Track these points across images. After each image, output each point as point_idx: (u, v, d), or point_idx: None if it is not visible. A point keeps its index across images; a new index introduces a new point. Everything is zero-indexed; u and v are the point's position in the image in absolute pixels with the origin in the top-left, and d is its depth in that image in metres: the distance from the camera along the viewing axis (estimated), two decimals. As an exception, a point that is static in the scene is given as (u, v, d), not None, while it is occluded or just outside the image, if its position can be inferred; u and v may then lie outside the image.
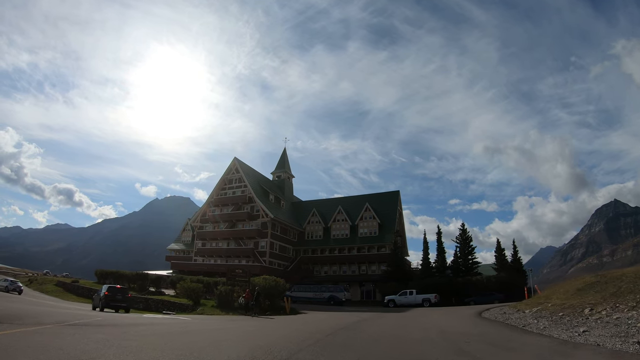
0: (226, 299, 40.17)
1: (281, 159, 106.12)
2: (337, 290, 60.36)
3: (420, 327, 22.23)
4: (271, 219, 78.75)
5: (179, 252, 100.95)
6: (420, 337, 16.84)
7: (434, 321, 26.03)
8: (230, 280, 43.75)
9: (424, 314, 35.82)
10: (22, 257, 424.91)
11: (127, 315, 31.04)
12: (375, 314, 35.72)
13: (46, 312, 24.30)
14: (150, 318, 26.73)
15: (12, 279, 57.15)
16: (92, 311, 34.29)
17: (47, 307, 31.23)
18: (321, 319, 29.83)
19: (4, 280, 53.93)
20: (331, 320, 27.70)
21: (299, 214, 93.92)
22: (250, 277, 43.61)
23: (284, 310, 38.91)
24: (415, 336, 17.51)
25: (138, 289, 61.72)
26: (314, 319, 29.10)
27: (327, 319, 28.73)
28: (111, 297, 35.51)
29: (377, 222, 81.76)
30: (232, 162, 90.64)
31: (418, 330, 20.40)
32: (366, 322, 25.37)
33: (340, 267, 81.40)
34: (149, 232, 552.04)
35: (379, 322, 25.79)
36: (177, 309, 41.99)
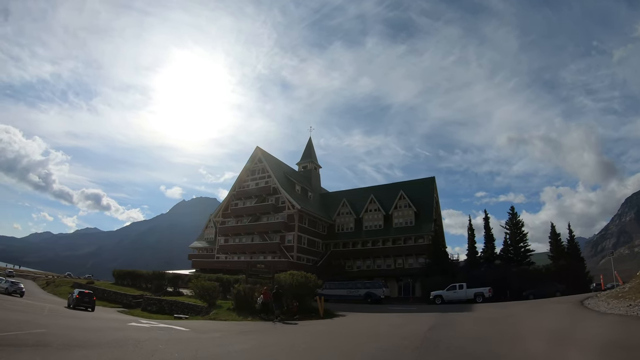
0: (245, 300, 33.19)
1: (307, 148, 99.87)
2: (374, 286, 54.22)
3: (545, 336, 15.14)
4: (298, 210, 72.26)
5: (202, 250, 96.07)
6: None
7: (541, 324, 19.15)
8: (251, 277, 36.90)
9: (505, 312, 28.24)
10: (53, 261, 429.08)
11: (101, 326, 24.63)
12: (435, 316, 28.45)
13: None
14: (134, 328, 19.73)
15: (13, 280, 53.40)
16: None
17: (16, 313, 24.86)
18: (370, 325, 23.61)
19: (4, 282, 50.17)
20: (385, 327, 21.33)
21: (328, 205, 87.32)
22: (274, 273, 36.79)
23: (317, 312, 32.19)
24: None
25: (154, 289, 58.03)
26: (361, 326, 23.00)
27: (377, 325, 22.46)
28: (80, 299, 41.62)
29: (413, 210, 74.33)
30: (255, 151, 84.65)
31: (559, 344, 13.23)
32: (445, 331, 18.26)
33: (374, 261, 74.73)
34: (176, 233, 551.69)
35: (464, 331, 18.53)
36: (190, 311, 37.41)
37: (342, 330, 21.44)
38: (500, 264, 60.06)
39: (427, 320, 24.23)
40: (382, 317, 28.99)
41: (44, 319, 19.68)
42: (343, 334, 19.33)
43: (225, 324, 26.67)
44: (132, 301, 52.36)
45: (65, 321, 19.53)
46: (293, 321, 28.46)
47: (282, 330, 21.97)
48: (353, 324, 25.27)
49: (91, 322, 19.97)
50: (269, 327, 23.37)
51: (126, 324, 20.72)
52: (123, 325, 19.78)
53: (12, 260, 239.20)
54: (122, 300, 55.76)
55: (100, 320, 24.86)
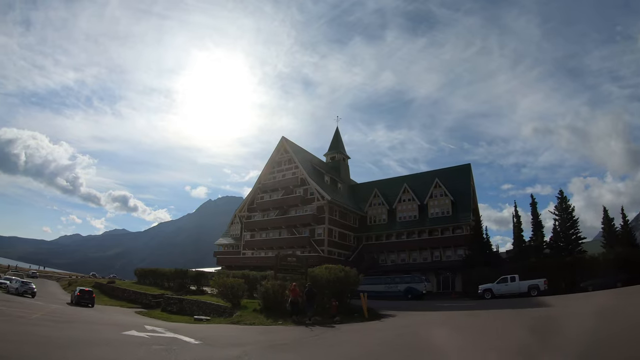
0: (274, 300, 28.66)
1: (334, 139, 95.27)
2: (414, 280, 49.82)
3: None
4: (328, 201, 67.88)
5: (227, 246, 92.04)
6: None
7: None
8: (281, 273, 32.32)
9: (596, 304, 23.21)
10: (83, 263, 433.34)
11: (81, 337, 20.43)
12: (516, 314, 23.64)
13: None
14: (125, 341, 13.79)
15: (25, 280, 51.53)
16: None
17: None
18: (444, 334, 17.05)
19: (15, 282, 48.71)
20: (473, 336, 15.50)
21: (358, 197, 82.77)
22: (307, 268, 32.08)
23: (360, 312, 27.54)
24: None
25: (176, 288, 54.91)
26: (435, 334, 17.03)
27: (454, 334, 16.67)
28: (81, 296, 43.94)
29: (450, 199, 69.01)
30: (280, 142, 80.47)
31: None
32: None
33: (409, 254, 69.48)
34: (203, 233, 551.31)
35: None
36: (213, 312, 33.50)
37: (410, 339, 16.19)
38: (551, 253, 55.06)
39: (525, 321, 19.27)
40: (443, 317, 24.55)
41: (19, 326, 15.39)
42: (425, 348, 13.92)
43: (250, 330, 22.04)
44: (152, 301, 49.46)
45: (39, 329, 15.15)
46: (333, 323, 23.89)
47: (328, 342, 16.79)
48: (415, 328, 20.26)
49: (72, 331, 15.60)
50: (307, 335, 18.32)
51: (122, 332, 15.98)
52: (114, 336, 15.22)
53: (42, 262, 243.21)
54: (142, 300, 52.88)
55: (92, 324, 20.35)
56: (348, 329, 20.72)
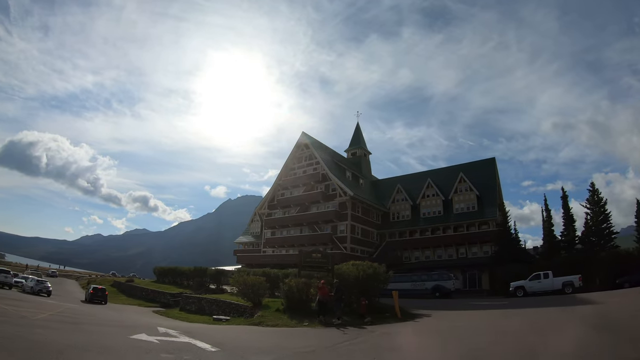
0: (298, 299, 26.67)
1: (355, 134, 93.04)
2: (442, 278, 47.90)
3: None
4: (350, 197, 65.85)
5: (248, 244, 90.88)
6: None
7: None
8: (306, 270, 30.28)
9: None
10: (104, 262, 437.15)
11: (82, 341, 18.48)
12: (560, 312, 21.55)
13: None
14: (130, 347, 12.22)
15: (40, 279, 49.89)
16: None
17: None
18: (509, 340, 14.08)
19: (30, 281, 47.53)
20: (548, 342, 12.94)
21: (381, 193, 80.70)
22: (334, 265, 29.97)
23: (391, 312, 25.49)
24: None
25: (195, 287, 54.01)
26: (500, 340, 14.48)
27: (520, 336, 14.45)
28: (94, 294, 45.69)
29: (475, 194, 66.69)
30: (301, 137, 78.64)
31: None
32: None
33: (433, 251, 67.33)
34: (224, 232, 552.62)
35: None
36: (233, 311, 31.98)
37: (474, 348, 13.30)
38: (582, 249, 53.31)
39: (588, 320, 17.09)
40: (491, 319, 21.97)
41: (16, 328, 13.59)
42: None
43: (273, 332, 20.06)
44: (171, 300, 48.61)
45: (36, 332, 13.39)
46: (363, 324, 21.85)
47: (366, 349, 14.38)
48: (463, 332, 17.88)
49: (73, 334, 13.70)
50: (340, 340, 15.90)
51: (130, 335, 13.86)
52: (119, 340, 13.23)
53: (63, 262, 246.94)
54: (160, 298, 52.12)
55: (100, 326, 18.44)
56: (383, 331, 18.56)
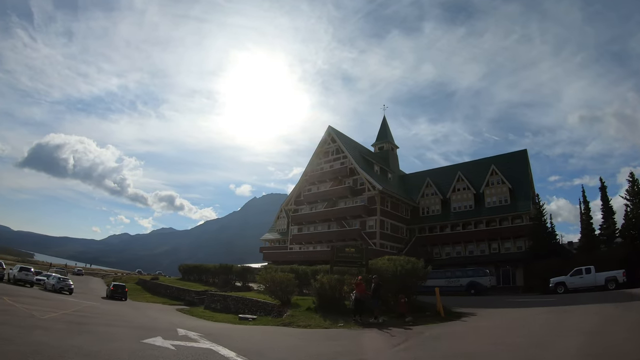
0: (331, 296, 24.55)
1: (382, 128, 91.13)
2: (477, 274, 45.51)
3: None
4: (379, 191, 63.85)
5: (274, 241, 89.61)
6: None
7: None
8: (339, 266, 28.26)
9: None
10: (132, 261, 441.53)
11: (92, 349, 16.78)
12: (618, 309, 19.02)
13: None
14: (141, 349, 10.78)
15: (62, 276, 48.69)
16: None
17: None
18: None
19: (52, 279, 46.48)
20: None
21: (409, 187, 78.32)
22: (368, 259, 27.96)
23: (432, 311, 23.39)
24: None
25: (220, 284, 53.02)
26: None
27: None
28: (115, 291, 47.60)
29: (508, 187, 64.01)
30: (327, 132, 76.69)
31: None
32: None
33: (465, 246, 64.95)
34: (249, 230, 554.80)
35: None
36: (259, 310, 30.11)
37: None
38: (623, 242, 49.96)
39: None
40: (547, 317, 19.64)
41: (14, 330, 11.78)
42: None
43: (306, 335, 17.92)
44: (195, 298, 47.39)
45: (35, 334, 11.79)
46: (405, 325, 19.75)
47: (434, 355, 12.41)
48: (533, 332, 15.53)
49: (76, 338, 11.78)
50: (386, 345, 13.75)
51: (142, 340, 11.82)
52: (129, 346, 11.10)
53: (92, 261, 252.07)
54: (185, 296, 50.92)
55: (112, 327, 16.35)
56: (433, 333, 16.31)
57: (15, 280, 44.88)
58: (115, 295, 46.95)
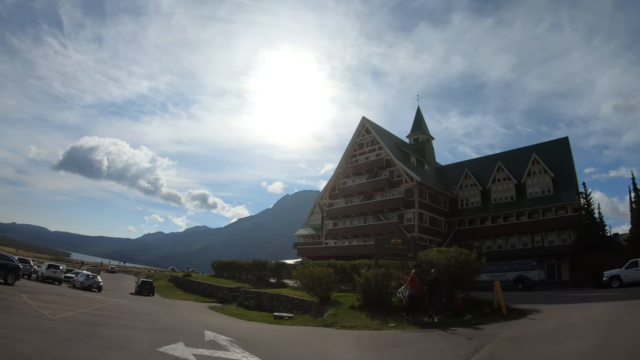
0: (378, 293, 21.78)
1: (416, 119, 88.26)
2: (525, 267, 42.70)
3: None
4: (417, 183, 61.26)
5: (308, 237, 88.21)
6: None
7: None
8: (385, 259, 25.89)
9: None
10: (166, 259, 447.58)
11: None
12: None
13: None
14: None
15: (91, 274, 47.85)
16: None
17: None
18: None
19: (81, 276, 46.23)
20: None
21: (446, 179, 75.49)
22: (416, 251, 25.31)
23: (490, 307, 20.75)
24: None
25: (254, 281, 51.20)
26: None
27: None
28: (142, 286, 49.88)
29: (550, 176, 60.59)
30: (361, 123, 74.36)
31: None
32: None
33: (506, 239, 61.70)
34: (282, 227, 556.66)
35: None
36: (296, 308, 27.97)
37: None
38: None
39: None
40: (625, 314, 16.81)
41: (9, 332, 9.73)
42: None
43: (356, 339, 15.20)
44: (228, 295, 45.96)
45: (28, 340, 9.63)
46: (466, 324, 17.24)
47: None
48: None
49: (77, 346, 9.45)
50: (463, 353, 11.16)
51: (158, 347, 9.63)
52: (138, 358, 9.25)
53: (127, 259, 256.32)
54: (217, 293, 49.75)
55: (128, 329, 13.67)
56: (510, 335, 13.47)
57: (44, 277, 43.89)
58: (142, 291, 49.12)
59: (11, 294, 21.04)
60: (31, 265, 45.27)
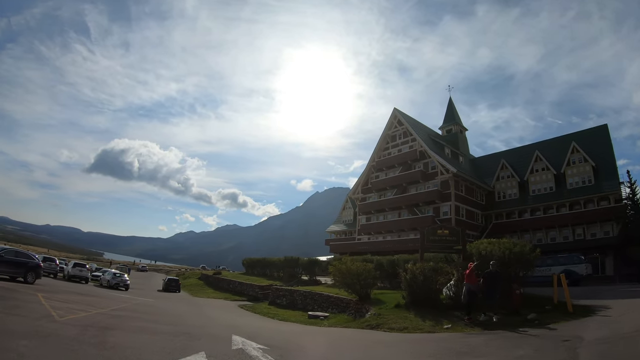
0: (426, 289, 19.32)
1: (448, 110, 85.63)
2: (571, 261, 39.69)
3: None
4: (453, 174, 58.81)
5: (340, 233, 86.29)
6: None
7: None
8: (430, 252, 23.68)
9: None
10: (197, 257, 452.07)
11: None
12: None
13: None
14: None
15: (118, 272, 46.80)
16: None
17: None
18: None
19: (107, 274, 45.55)
20: None
21: (481, 171, 72.39)
22: (465, 242, 23.00)
23: (548, 303, 18.79)
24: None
25: (286, 278, 50.09)
26: None
27: None
28: (168, 284, 52.92)
29: (591, 165, 57.08)
30: (392, 115, 72.17)
31: None
32: None
33: (546, 232, 58.57)
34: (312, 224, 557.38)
35: None
36: (332, 306, 26.10)
37: None
38: None
39: None
40: None
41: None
42: None
43: (411, 345, 12.89)
44: (259, 293, 44.48)
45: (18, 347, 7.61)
46: (538, 325, 15.03)
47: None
48: None
49: (68, 357, 7.38)
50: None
51: (179, 357, 8.01)
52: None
53: (159, 258, 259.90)
54: (248, 291, 48.30)
55: (142, 334, 11.57)
56: (597, 336, 11.22)
57: (70, 276, 43.31)
58: (169, 288, 52.20)
59: (26, 292, 19.58)
60: (57, 264, 44.69)
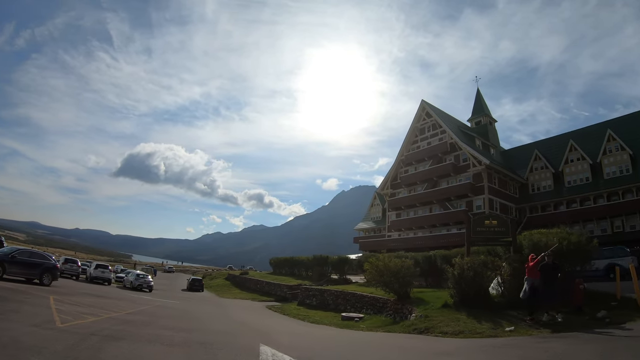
0: (477, 286, 17.33)
1: (476, 102, 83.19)
2: (616, 254, 35.01)
3: None
4: (486, 167, 56.72)
5: (368, 230, 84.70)
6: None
7: None
8: (477, 246, 21.75)
9: None
10: (224, 257, 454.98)
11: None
12: None
13: None
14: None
15: (142, 274, 46.37)
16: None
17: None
18: None
19: (131, 276, 45.18)
20: None
21: (513, 163, 69.45)
22: (515, 234, 20.80)
23: (617, 301, 16.98)
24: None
25: (315, 278, 48.29)
26: None
27: None
28: (192, 283, 56.12)
29: (628, 153, 54.05)
30: (420, 107, 70.01)
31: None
32: None
33: (583, 225, 54.41)
34: (339, 223, 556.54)
35: None
36: (367, 307, 24.36)
37: None
38: None
39: None
40: None
41: None
42: None
43: (485, 357, 10.51)
44: (287, 293, 43.42)
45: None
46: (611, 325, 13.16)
47: None
48: None
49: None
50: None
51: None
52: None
53: (187, 259, 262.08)
54: (276, 291, 47.38)
55: (155, 344, 9.98)
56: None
57: (92, 278, 42.60)
58: (193, 288, 55.29)
59: (38, 295, 18.15)
60: (78, 266, 43.97)
